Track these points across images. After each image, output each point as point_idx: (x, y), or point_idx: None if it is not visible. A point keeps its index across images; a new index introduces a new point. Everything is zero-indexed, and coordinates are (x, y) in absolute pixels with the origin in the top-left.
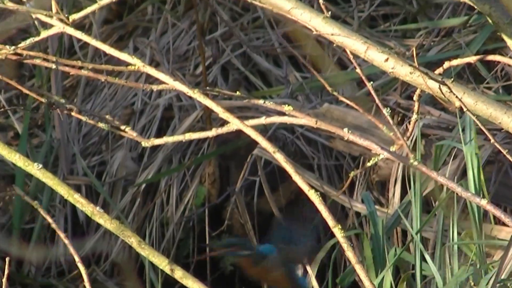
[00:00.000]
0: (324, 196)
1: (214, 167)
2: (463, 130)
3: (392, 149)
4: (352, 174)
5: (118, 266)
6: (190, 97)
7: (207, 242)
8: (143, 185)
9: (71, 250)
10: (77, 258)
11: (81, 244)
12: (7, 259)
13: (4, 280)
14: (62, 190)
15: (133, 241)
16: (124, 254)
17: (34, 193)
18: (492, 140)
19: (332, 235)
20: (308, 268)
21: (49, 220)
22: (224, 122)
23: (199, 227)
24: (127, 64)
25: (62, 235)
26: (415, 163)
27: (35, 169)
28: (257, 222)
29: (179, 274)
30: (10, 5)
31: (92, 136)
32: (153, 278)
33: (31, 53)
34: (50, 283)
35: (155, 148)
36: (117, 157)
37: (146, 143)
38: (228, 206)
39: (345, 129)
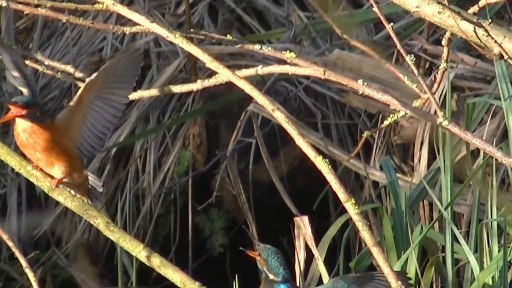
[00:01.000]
0: (334, 163)
1: (200, 127)
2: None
3: (416, 104)
4: (366, 134)
5: (83, 249)
6: (171, 42)
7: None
8: (114, 149)
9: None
10: (24, 263)
11: (38, 221)
12: None
13: None
14: (13, 160)
15: (99, 222)
16: (91, 233)
17: None
18: None
19: (344, 211)
20: (314, 250)
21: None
22: (212, 73)
23: (182, 200)
24: (94, 2)
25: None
26: (445, 122)
27: None
28: (253, 195)
29: (156, 262)
30: None
31: (52, 90)
32: (127, 264)
33: None
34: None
35: (128, 104)
36: None
37: None
38: (217, 175)
39: (360, 81)
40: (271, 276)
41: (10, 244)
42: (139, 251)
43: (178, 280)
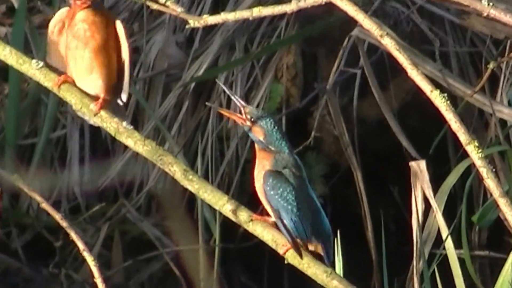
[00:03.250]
0: (453, 98)
1: (295, 56)
2: None
3: None
4: (492, 64)
5: (157, 201)
6: None
7: None
8: (193, 83)
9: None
10: (81, 246)
11: (104, 168)
12: None
13: None
14: (73, 97)
15: (176, 170)
16: (166, 183)
17: (36, 94)
18: None
19: (465, 155)
20: (432, 200)
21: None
22: None
23: None
24: None
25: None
26: None
27: (33, 69)
28: (357, 135)
29: (243, 216)
30: None
31: (120, 11)
32: (208, 218)
33: None
34: (59, 225)
35: (209, 29)
36: (155, 42)
37: (197, 21)
38: (316, 112)
39: (484, 0)
40: (272, 148)
41: (47, 207)
42: (223, 204)
43: (268, 238)
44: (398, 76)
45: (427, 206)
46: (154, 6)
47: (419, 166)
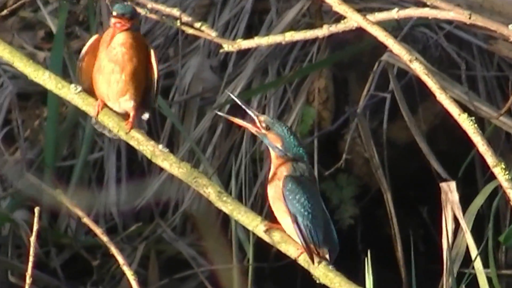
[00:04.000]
0: (481, 121)
1: (326, 80)
2: None
3: None
4: None
5: (192, 221)
6: None
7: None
8: (227, 106)
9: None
10: (121, 261)
11: (140, 189)
12: (36, 210)
13: (32, 238)
14: (111, 121)
15: (210, 191)
16: (201, 203)
17: (74, 117)
18: None
19: (493, 177)
20: (461, 220)
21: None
22: (340, 17)
23: None
24: None
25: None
26: None
27: (72, 93)
28: (387, 157)
29: (276, 237)
30: None
31: (156, 37)
32: (242, 238)
33: None
34: (96, 244)
35: (243, 53)
36: (190, 66)
37: (231, 46)
38: (347, 135)
39: (511, 26)
40: (290, 156)
41: (88, 221)
42: (257, 225)
43: (301, 258)
44: (427, 99)
45: (456, 226)
46: (189, 31)
47: (449, 187)
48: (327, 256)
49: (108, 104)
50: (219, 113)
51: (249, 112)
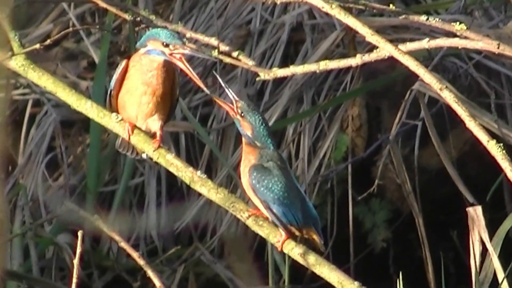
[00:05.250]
0: (509, 148)
1: (359, 108)
2: None
3: None
4: None
5: (230, 244)
6: (327, 14)
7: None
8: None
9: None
10: (157, 283)
11: (180, 213)
12: (79, 233)
13: (75, 261)
14: (150, 149)
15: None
16: (238, 227)
17: (115, 144)
18: None
19: None
20: (488, 244)
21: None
22: (372, 48)
23: (339, 190)
24: None
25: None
26: None
27: (113, 122)
28: (419, 183)
29: (311, 259)
30: None
31: (195, 66)
32: (278, 261)
33: None
34: (137, 266)
35: (279, 82)
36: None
37: (267, 74)
38: (379, 161)
39: None
40: (258, 144)
41: (125, 246)
42: (292, 248)
43: (335, 280)
44: (457, 127)
45: (484, 249)
46: (227, 60)
47: (476, 212)
48: (313, 233)
49: (138, 125)
50: (206, 90)
51: (229, 94)
